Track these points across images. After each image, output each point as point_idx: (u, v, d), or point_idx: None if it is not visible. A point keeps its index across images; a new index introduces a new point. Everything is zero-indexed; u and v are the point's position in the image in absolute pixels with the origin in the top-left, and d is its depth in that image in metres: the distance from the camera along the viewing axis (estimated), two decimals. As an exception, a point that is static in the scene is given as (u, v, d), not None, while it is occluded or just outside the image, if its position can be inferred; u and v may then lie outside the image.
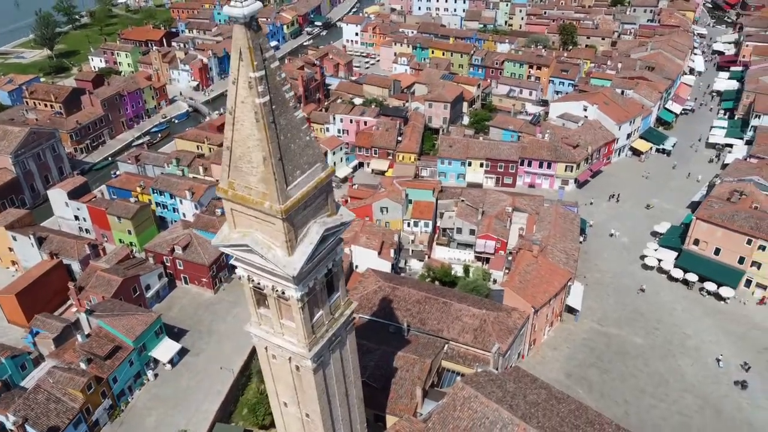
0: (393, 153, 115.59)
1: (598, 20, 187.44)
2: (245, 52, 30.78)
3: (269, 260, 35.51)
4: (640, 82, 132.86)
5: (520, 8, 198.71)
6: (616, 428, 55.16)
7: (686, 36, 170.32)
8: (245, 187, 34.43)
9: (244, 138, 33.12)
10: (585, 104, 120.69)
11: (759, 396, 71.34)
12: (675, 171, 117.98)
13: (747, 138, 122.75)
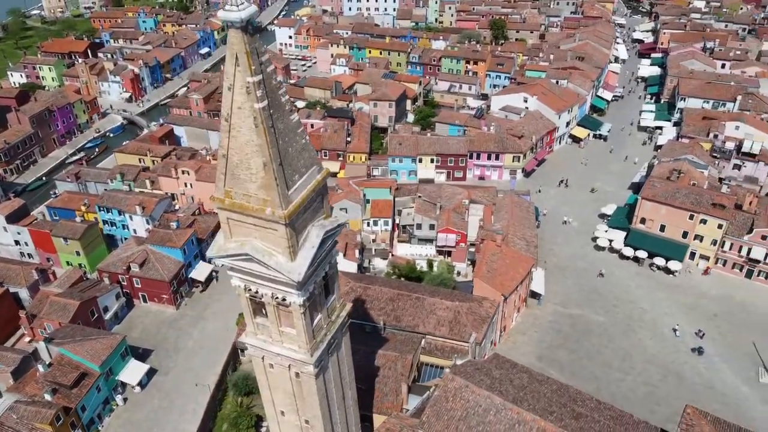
0: (343, 154, 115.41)
1: (525, 14, 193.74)
2: (242, 57, 30.23)
3: (272, 267, 34.94)
4: (573, 72, 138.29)
5: (450, 5, 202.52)
6: (597, 402, 57.44)
7: (609, 26, 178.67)
8: (244, 194, 33.73)
9: (241, 145, 32.46)
10: (525, 96, 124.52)
11: (715, 360, 76.02)
12: (612, 155, 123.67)
13: (675, 120, 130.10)
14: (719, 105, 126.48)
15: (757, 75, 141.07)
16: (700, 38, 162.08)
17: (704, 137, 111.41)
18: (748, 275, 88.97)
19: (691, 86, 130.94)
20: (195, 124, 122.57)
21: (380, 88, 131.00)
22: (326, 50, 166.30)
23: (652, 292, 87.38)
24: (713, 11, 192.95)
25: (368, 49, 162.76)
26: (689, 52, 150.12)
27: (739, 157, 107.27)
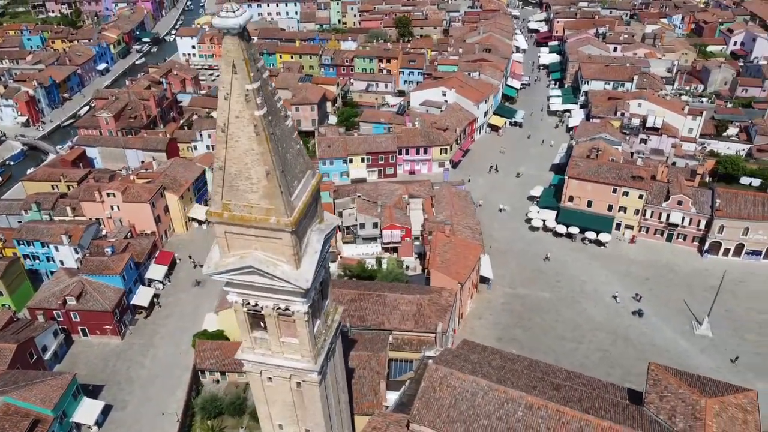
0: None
1: (426, 11, 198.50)
2: (240, 64, 29.43)
3: (278, 277, 34.24)
4: (483, 64, 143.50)
5: (352, 6, 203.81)
6: (566, 372, 60.49)
7: (507, 18, 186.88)
8: (244, 206, 32.82)
9: (240, 155, 31.59)
10: (443, 89, 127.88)
11: (654, 320, 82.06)
12: (530, 140, 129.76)
13: (581, 102, 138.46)
14: (619, 85, 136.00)
15: (646, 56, 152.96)
16: (591, 25, 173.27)
17: (612, 116, 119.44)
18: (668, 239, 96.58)
19: (592, 70, 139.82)
20: (109, 143, 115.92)
21: (300, 92, 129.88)
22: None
23: (588, 265, 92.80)
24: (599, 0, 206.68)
25: (278, 54, 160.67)
26: (584, 39, 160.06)
27: (645, 132, 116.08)
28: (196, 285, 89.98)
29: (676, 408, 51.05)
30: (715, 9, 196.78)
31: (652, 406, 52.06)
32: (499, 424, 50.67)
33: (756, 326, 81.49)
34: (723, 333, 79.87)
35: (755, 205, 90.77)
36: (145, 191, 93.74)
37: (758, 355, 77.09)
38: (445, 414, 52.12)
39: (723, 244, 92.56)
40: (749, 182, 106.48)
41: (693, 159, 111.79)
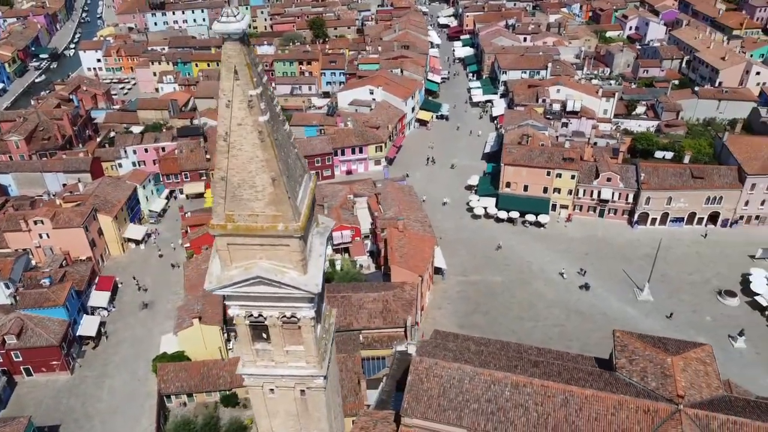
0: (206, 172, 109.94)
1: (338, 11, 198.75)
2: (243, 70, 28.72)
3: (286, 285, 33.62)
4: (404, 61, 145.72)
5: (262, 10, 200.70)
6: (537, 349, 63.15)
7: (419, 15, 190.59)
8: (249, 215, 32.00)
9: (243, 163, 30.78)
10: (371, 88, 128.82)
11: (600, 291, 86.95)
12: (459, 132, 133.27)
13: (501, 92, 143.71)
14: (535, 74, 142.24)
15: (555, 44, 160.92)
16: (500, 17, 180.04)
17: (534, 103, 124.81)
18: (600, 215, 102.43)
19: (508, 60, 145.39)
20: (25, 168, 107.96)
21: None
22: (147, 69, 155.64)
23: (531, 246, 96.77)
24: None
25: (194, 63, 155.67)
26: (496, 31, 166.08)
27: (566, 116, 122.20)
28: (144, 308, 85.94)
29: (647, 369, 54.46)
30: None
31: (624, 370, 55.26)
32: (489, 405, 52.16)
33: (688, 287, 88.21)
34: (662, 296, 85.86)
35: (675, 176, 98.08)
36: (77, 215, 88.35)
37: (695, 312, 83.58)
38: (436, 404, 53.03)
39: (650, 214, 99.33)
40: (662, 156, 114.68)
41: (611, 138, 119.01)
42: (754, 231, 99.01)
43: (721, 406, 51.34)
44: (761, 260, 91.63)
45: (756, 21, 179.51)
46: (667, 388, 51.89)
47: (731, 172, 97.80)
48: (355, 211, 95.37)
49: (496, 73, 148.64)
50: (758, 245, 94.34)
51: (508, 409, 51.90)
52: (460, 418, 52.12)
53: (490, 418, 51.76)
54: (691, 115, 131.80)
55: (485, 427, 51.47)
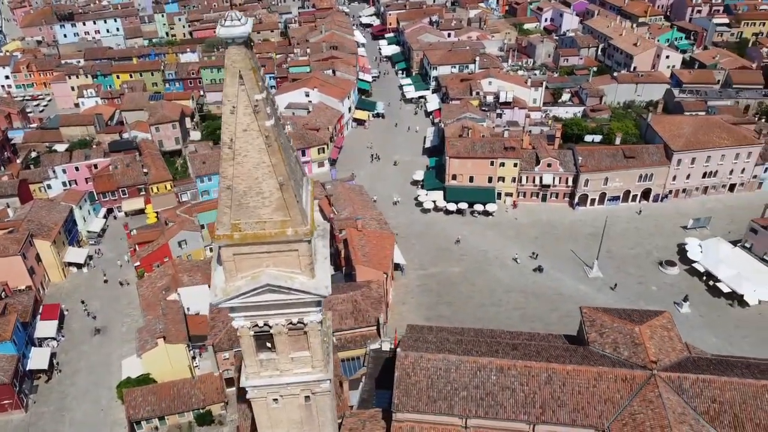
0: (145, 187, 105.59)
1: (258, 15, 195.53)
2: (248, 74, 28.26)
3: (297, 290, 33.26)
4: (335, 61, 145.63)
5: (179, 17, 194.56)
6: (509, 333, 65.06)
7: (342, 15, 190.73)
8: (256, 222, 31.45)
9: (249, 170, 30.27)
10: (306, 90, 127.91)
11: (552, 272, 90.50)
12: (397, 129, 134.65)
13: (433, 87, 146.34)
14: (464, 68, 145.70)
15: (479, 38, 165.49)
16: (422, 15, 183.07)
17: (468, 96, 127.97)
18: (543, 199, 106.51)
19: (438, 56, 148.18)
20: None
21: (155, 110, 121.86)
22: (64, 84, 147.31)
23: (483, 235, 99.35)
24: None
25: (116, 75, 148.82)
26: (421, 28, 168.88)
27: (500, 107, 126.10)
28: (96, 333, 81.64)
29: (617, 340, 57.33)
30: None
31: (597, 344, 57.95)
32: (477, 392, 53.43)
33: (632, 260, 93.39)
34: (609, 271, 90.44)
35: (609, 157, 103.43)
36: (12, 242, 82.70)
37: (641, 284, 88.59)
38: (426, 396, 53.74)
39: (589, 195, 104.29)
40: (592, 139, 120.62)
41: (544, 126, 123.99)
42: (683, 203, 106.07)
43: (688, 366, 54.87)
44: (693, 230, 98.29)
45: (658, 8, 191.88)
46: (639, 356, 54.86)
47: (659, 150, 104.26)
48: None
49: (426, 69, 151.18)
50: (688, 216, 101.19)
51: (496, 392, 53.33)
52: (451, 407, 53.11)
53: (480, 403, 53.03)
54: (612, 99, 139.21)
55: (476, 413, 52.72)
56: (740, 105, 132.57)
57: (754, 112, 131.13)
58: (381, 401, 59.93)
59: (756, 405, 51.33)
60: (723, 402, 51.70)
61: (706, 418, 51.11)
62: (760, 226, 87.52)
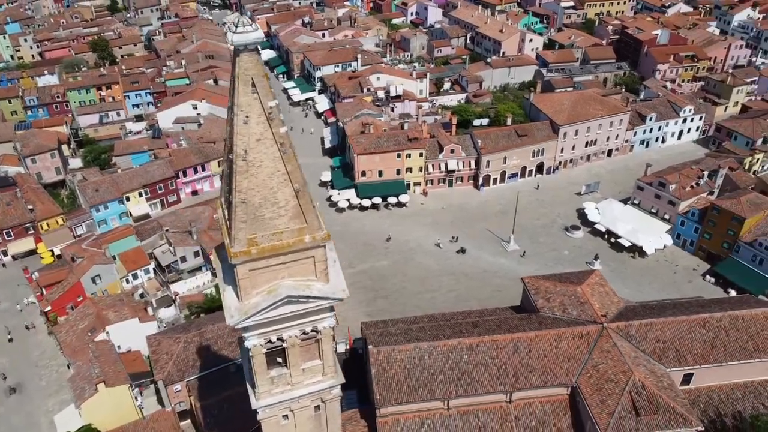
0: (33, 225, 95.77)
1: (117, 29, 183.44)
2: (260, 81, 27.53)
3: (315, 297, 32.71)
4: (214, 71, 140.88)
5: (24, 38, 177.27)
6: (460, 313, 67.64)
7: (209, 23, 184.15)
8: (273, 234, 30.50)
9: (264, 180, 29.42)
10: (193, 103, 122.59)
11: (474, 252, 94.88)
12: (291, 132, 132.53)
13: (319, 88, 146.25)
14: (347, 66, 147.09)
15: (353, 36, 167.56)
16: (292, 17, 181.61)
17: (360, 93, 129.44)
18: (450, 184, 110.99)
19: (319, 56, 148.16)
20: None
21: (29, 140, 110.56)
22: None
23: (402, 225, 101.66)
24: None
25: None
26: (295, 30, 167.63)
27: (392, 101, 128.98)
28: (12, 393, 73.16)
29: (564, 302, 61.76)
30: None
31: (546, 308, 62.05)
32: (454, 372, 55.29)
33: (541, 230, 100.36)
34: (525, 243, 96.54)
35: (504, 138, 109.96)
36: None
37: (554, 250, 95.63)
38: (405, 386, 54.66)
39: (491, 175, 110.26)
40: (479, 123, 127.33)
41: (436, 115, 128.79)
42: (572, 173, 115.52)
43: (629, 315, 60.46)
44: (586, 195, 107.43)
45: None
46: (587, 313, 59.58)
47: (546, 126, 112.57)
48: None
49: (309, 70, 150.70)
50: (579, 184, 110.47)
51: (470, 370, 55.46)
52: (432, 392, 54.45)
53: (458, 383, 54.87)
54: (489, 84, 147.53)
55: (456, 393, 54.50)
56: (599, 78, 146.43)
57: (613, 83, 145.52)
58: (350, 402, 59.66)
59: (691, 338, 57.89)
60: (665, 341, 57.75)
61: (654, 357, 56.83)
62: (645, 183, 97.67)
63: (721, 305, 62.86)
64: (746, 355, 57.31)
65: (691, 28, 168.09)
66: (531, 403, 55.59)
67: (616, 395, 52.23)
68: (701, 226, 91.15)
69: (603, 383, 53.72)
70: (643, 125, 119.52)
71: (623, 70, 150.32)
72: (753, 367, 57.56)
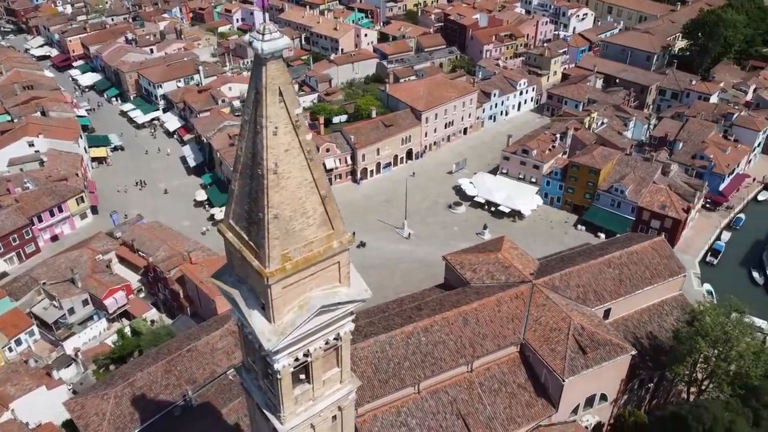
0: None
1: None
2: (287, 89, 26.64)
3: (343, 302, 32.29)
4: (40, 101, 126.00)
5: None
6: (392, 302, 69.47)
7: (13, 51, 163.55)
8: (304, 246, 29.69)
9: (292, 192, 28.53)
10: (28, 140, 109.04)
11: (373, 244, 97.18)
12: (148, 156, 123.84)
13: (163, 106, 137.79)
14: (189, 80, 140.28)
15: (185, 48, 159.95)
16: (111, 36, 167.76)
17: (215, 105, 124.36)
18: (330, 183, 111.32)
19: (158, 74, 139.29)
20: None
21: None
22: None
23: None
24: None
25: None
26: (120, 48, 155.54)
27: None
28: None
29: (490, 269, 66.38)
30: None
31: (475, 279, 66.15)
32: (416, 356, 57.23)
33: (427, 212, 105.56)
34: (417, 227, 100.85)
35: (374, 130, 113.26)
36: None
37: (444, 228, 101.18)
38: (376, 381, 55.48)
39: (368, 168, 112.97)
40: (339, 120, 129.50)
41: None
42: (438, 155, 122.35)
43: (547, 270, 66.65)
44: (458, 172, 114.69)
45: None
46: (515, 275, 64.64)
47: (408, 114, 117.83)
48: (113, 269, 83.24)
49: (147, 89, 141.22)
50: (448, 164, 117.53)
51: (431, 350, 57.62)
52: (403, 380, 55.74)
53: (423, 366, 56.81)
54: (336, 81, 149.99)
55: (425, 375, 56.30)
56: (436, 64, 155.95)
57: (450, 68, 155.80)
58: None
59: (603, 278, 65.56)
60: (584, 285, 64.72)
61: (579, 301, 63.40)
62: (510, 153, 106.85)
63: (615, 245, 71.80)
64: (647, 282, 66.32)
65: (501, 10, 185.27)
66: (489, 368, 59.20)
67: (563, 341, 57.66)
68: (564, 183, 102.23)
69: (548, 333, 58.92)
70: (489, 101, 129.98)
71: (455, 54, 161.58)
72: (653, 292, 66.80)
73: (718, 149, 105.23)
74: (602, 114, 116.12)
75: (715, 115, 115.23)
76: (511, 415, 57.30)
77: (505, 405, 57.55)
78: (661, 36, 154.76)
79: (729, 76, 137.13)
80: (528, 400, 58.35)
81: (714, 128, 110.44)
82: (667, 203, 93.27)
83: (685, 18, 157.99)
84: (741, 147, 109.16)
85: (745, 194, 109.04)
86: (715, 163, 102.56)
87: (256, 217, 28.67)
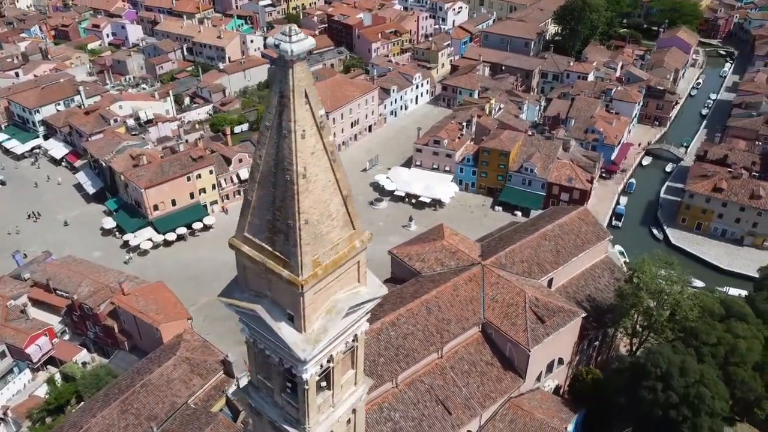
0: None
1: None
2: (312, 90, 26.33)
3: (365, 302, 32.14)
4: None
5: None
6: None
7: None
8: (331, 249, 29.36)
9: (318, 195, 28.20)
10: None
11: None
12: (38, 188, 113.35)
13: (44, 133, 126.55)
14: (69, 102, 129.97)
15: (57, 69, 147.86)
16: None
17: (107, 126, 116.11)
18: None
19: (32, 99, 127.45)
20: None
21: None
22: None
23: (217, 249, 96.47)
24: None
25: None
26: None
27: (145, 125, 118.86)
28: None
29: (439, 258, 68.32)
30: (57, 12, 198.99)
31: (426, 268, 67.70)
32: (389, 351, 57.98)
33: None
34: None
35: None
36: None
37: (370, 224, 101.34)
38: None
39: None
40: (241, 129, 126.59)
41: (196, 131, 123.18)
42: (348, 154, 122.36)
43: (492, 250, 69.47)
44: (372, 169, 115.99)
45: (207, 3, 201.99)
46: (464, 260, 67.03)
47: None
48: (28, 314, 75.75)
49: (22, 116, 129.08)
50: (361, 162, 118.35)
51: (402, 343, 58.47)
52: (381, 376, 56.07)
53: (397, 359, 57.55)
54: (229, 90, 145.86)
55: (401, 368, 56.96)
56: (328, 65, 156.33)
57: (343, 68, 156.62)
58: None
59: (542, 250, 69.61)
60: (527, 260, 68.35)
61: (526, 275, 66.90)
62: (422, 145, 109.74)
63: (543, 220, 76.37)
64: (579, 249, 71.29)
65: (381, 8, 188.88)
66: (457, 351, 60.95)
67: (521, 314, 60.65)
68: (477, 168, 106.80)
69: (506, 309, 61.68)
70: (389, 97, 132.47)
71: (344, 54, 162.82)
72: (586, 257, 71.92)
73: (606, 122, 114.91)
74: (498, 100, 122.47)
75: (596, 92, 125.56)
76: (485, 392, 59.46)
77: (477, 384, 59.58)
78: (535, 23, 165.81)
79: (599, 55, 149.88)
80: (497, 375, 60.80)
81: (598, 104, 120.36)
82: (572, 176, 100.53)
83: (552, 5, 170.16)
84: (623, 118, 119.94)
85: (632, 161, 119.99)
86: (605, 135, 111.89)
87: (282, 225, 27.94)
